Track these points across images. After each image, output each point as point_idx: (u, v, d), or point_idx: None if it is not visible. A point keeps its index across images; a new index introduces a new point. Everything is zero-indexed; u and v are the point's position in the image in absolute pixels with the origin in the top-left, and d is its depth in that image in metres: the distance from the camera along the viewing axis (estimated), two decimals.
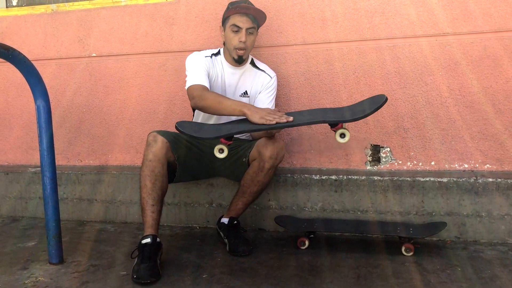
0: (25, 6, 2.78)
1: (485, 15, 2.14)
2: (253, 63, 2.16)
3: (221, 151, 1.69)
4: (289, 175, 2.23)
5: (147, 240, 1.77)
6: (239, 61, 2.06)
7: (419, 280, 1.64)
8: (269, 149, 1.90)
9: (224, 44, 2.10)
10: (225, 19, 2.06)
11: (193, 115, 2.21)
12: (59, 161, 2.65)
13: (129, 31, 2.58)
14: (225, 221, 2.06)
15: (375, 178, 2.13)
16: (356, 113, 1.65)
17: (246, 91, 2.13)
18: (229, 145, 1.71)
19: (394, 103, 2.26)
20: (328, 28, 2.31)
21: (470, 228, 2.04)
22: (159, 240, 1.80)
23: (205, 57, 2.07)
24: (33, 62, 1.79)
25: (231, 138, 1.71)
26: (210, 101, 1.88)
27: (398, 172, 2.24)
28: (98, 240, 2.19)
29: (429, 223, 2.05)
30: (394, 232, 1.96)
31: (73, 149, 2.73)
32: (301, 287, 1.62)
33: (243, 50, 2.01)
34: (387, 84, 2.26)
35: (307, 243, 1.98)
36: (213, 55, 2.11)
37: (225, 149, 1.68)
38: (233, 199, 2.08)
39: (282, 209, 2.24)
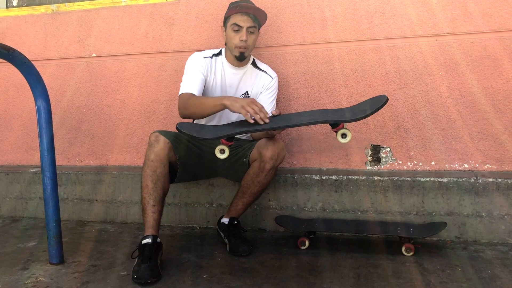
0: (25, 6, 2.78)
1: (485, 15, 2.14)
2: (254, 64, 2.15)
3: (222, 151, 1.69)
4: (289, 175, 2.23)
5: (147, 240, 1.77)
6: (240, 58, 2.05)
7: (420, 280, 1.64)
8: (269, 149, 1.90)
9: (225, 44, 2.10)
10: (226, 19, 2.06)
11: None
12: (59, 161, 2.66)
13: (129, 31, 2.58)
14: (225, 221, 2.06)
15: (375, 178, 2.13)
16: (357, 113, 1.65)
17: (247, 92, 2.13)
18: (230, 145, 1.71)
19: (394, 103, 2.26)
20: (328, 28, 2.31)
21: (470, 228, 2.04)
22: (159, 240, 1.80)
23: (204, 58, 2.07)
24: (33, 62, 1.79)
25: (232, 138, 1.71)
26: (192, 107, 1.90)
27: (398, 172, 2.24)
28: (98, 240, 2.19)
29: (429, 223, 2.05)
30: (394, 232, 1.97)
31: (73, 149, 2.73)
32: (302, 287, 1.62)
33: (244, 48, 2.01)
34: (387, 84, 2.27)
35: (307, 243, 1.98)
36: (214, 55, 2.11)
37: (226, 150, 1.68)
38: (233, 199, 2.08)
39: (282, 209, 2.24)
